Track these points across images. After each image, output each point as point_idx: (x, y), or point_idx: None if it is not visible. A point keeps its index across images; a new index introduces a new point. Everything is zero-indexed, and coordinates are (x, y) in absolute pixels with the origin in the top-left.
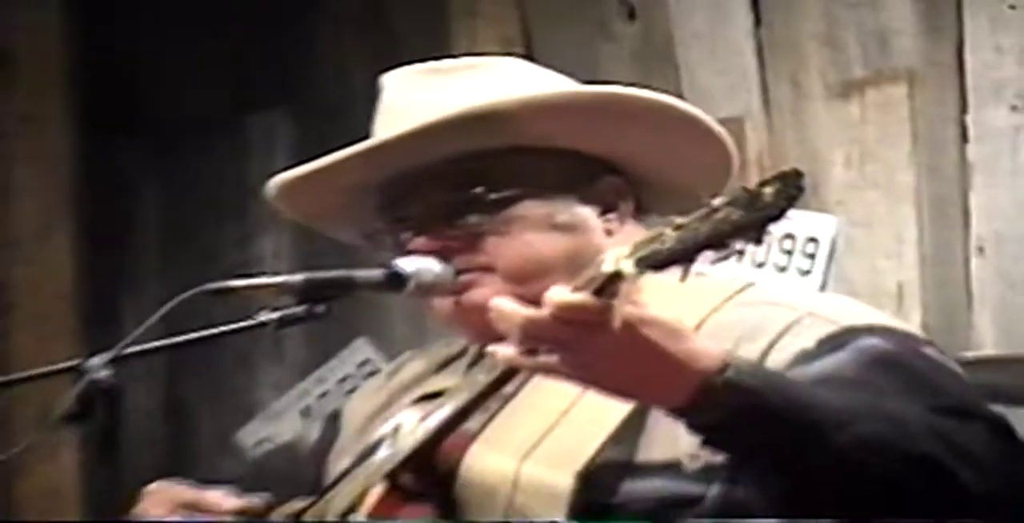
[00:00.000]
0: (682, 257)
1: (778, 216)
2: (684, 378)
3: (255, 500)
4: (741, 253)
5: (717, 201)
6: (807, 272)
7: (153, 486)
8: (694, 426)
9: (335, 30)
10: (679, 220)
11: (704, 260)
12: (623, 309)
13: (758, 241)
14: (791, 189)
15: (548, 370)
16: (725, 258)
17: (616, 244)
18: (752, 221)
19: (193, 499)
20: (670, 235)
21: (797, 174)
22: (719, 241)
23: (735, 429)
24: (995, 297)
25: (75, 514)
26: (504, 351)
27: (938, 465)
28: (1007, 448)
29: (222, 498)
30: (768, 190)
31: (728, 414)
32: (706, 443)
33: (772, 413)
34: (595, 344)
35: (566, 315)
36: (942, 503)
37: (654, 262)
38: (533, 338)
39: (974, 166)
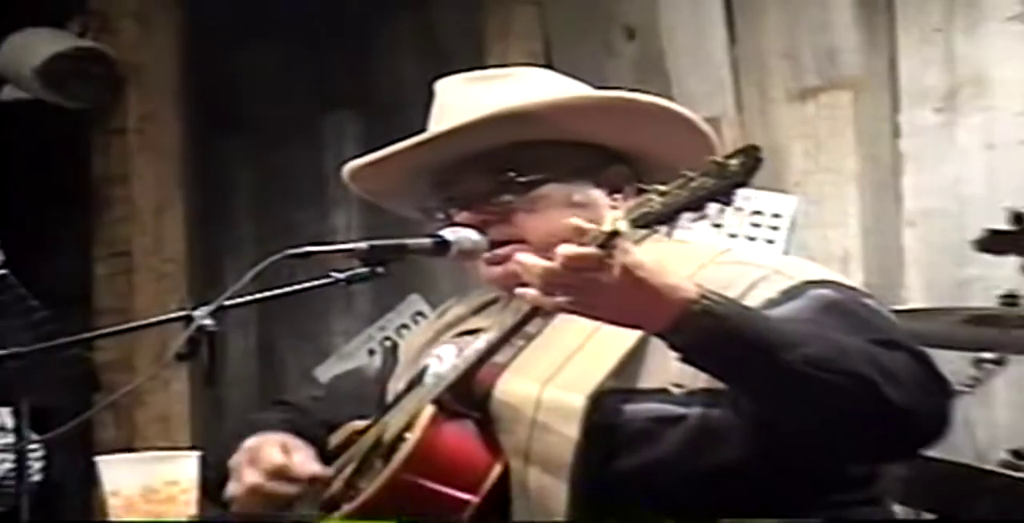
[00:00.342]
0: (666, 218)
1: (743, 182)
2: (668, 306)
3: (328, 470)
4: (719, 225)
5: (693, 172)
6: (771, 241)
7: (251, 442)
8: (674, 346)
9: (394, 47)
10: (663, 188)
11: (684, 220)
12: (619, 258)
13: (727, 203)
14: (751, 160)
15: (562, 308)
16: (701, 218)
17: None
18: (722, 187)
19: (281, 465)
20: (656, 200)
21: (755, 148)
22: (696, 204)
23: (706, 347)
24: (922, 261)
25: (184, 436)
26: (530, 293)
27: (867, 380)
28: (924, 372)
29: (304, 465)
30: (734, 161)
31: (702, 335)
32: (683, 360)
33: (737, 334)
34: (597, 285)
35: (574, 264)
36: (870, 410)
37: (644, 222)
38: (550, 284)
39: (905, 156)
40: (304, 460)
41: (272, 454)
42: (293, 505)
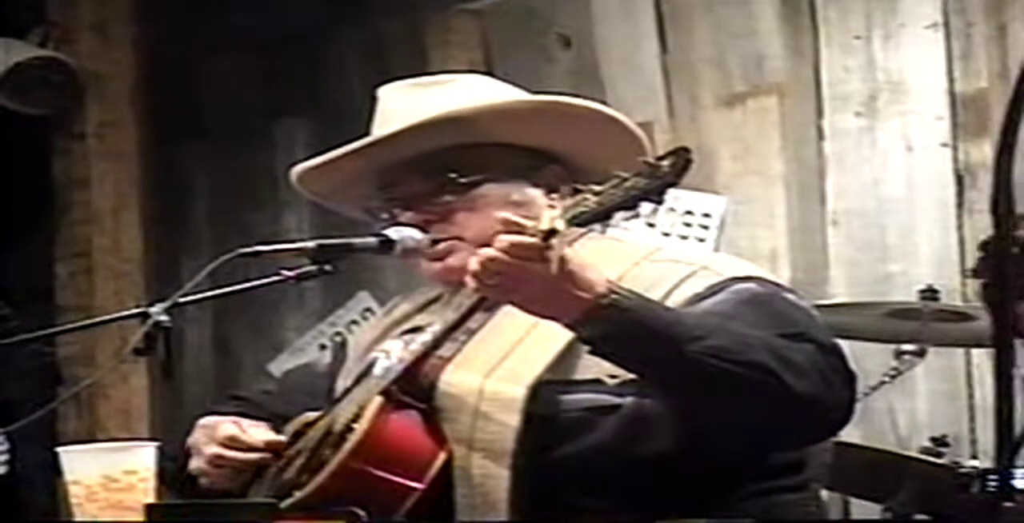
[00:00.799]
0: (601, 216)
1: (673, 182)
2: (580, 299)
3: (281, 438)
4: (652, 225)
5: (626, 173)
6: (702, 240)
7: (205, 420)
8: (583, 338)
9: (342, 57)
10: (597, 188)
11: (618, 219)
12: (558, 251)
13: (659, 202)
14: (682, 161)
15: (485, 291)
16: (634, 217)
17: None
18: (654, 187)
19: (233, 435)
20: (591, 199)
21: (685, 150)
22: (630, 203)
23: (613, 339)
24: (845, 258)
25: (143, 427)
26: (470, 281)
27: (768, 369)
28: (828, 363)
29: (255, 435)
30: (665, 163)
31: (608, 326)
32: (592, 352)
33: (642, 326)
34: (531, 275)
35: (514, 251)
36: (770, 398)
37: (580, 220)
38: (489, 271)
39: (829, 158)
40: (259, 432)
41: (226, 427)
42: (258, 475)
